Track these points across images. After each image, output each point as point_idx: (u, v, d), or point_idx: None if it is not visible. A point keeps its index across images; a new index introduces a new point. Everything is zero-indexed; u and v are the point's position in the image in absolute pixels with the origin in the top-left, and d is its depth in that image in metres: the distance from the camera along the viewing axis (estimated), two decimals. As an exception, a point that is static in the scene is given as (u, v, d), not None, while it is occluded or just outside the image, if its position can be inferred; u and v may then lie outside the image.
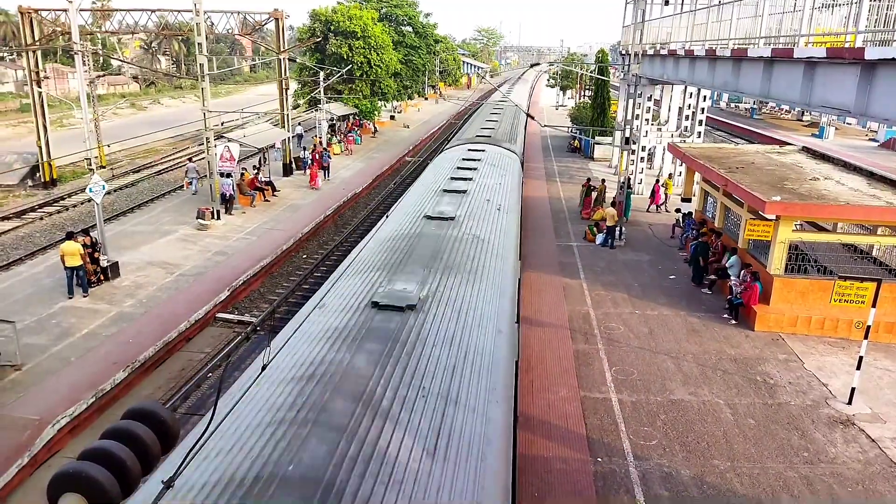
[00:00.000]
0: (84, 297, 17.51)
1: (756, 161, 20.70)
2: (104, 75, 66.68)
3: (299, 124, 41.95)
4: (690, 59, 21.23)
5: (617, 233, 22.32)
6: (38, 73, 30.77)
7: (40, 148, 31.03)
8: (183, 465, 4.59)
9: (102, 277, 18.40)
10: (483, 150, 18.56)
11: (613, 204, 22.63)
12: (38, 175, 31.83)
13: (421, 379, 5.89)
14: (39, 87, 30.76)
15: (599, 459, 10.69)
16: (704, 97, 30.75)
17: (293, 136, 43.21)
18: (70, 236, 17.67)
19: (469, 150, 18.90)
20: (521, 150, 23.56)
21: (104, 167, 35.33)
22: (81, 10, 30.01)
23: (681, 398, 12.59)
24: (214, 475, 4.46)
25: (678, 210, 24.60)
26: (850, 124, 57.79)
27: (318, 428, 4.92)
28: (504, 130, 25.26)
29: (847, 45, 11.67)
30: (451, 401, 5.72)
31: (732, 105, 74.81)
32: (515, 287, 9.49)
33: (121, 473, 4.29)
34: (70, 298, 17.37)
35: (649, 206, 27.54)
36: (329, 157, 35.45)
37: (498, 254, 10.04)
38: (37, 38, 30.86)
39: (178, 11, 33.54)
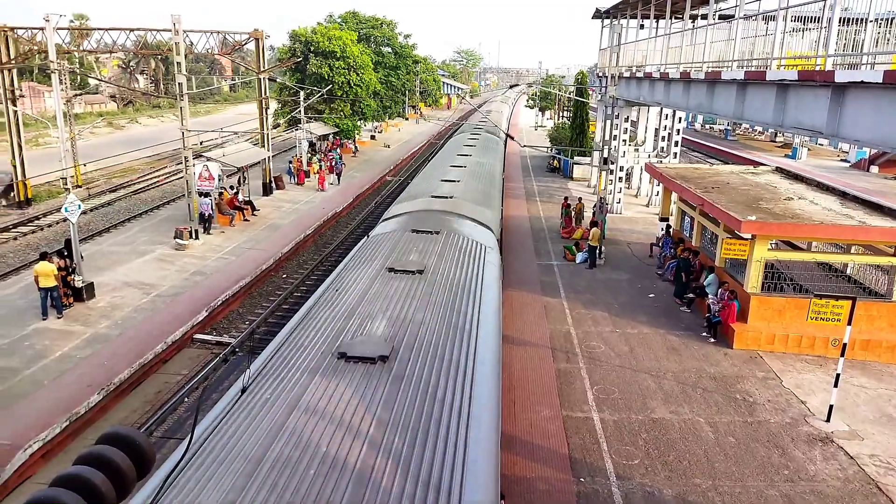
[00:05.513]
0: (58, 318, 17.16)
1: (731, 181, 21.04)
2: (81, 94, 66.06)
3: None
4: (666, 82, 21.62)
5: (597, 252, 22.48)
6: (13, 91, 30.38)
7: (15, 167, 30.54)
8: (160, 493, 4.49)
9: (73, 300, 18.04)
10: (437, 233, 11.90)
11: (595, 224, 22.82)
12: (12, 194, 31.31)
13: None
14: (15, 105, 30.35)
15: (582, 479, 10.65)
16: (679, 119, 31.30)
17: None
18: (44, 257, 17.38)
19: (413, 232, 11.98)
20: (498, 219, 15.99)
21: (80, 186, 34.85)
22: (59, 28, 29.85)
23: (662, 417, 12.62)
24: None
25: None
26: (822, 145, 59.00)
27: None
28: (475, 184, 17.89)
29: (818, 69, 11.97)
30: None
31: (707, 126, 76.05)
32: None
33: (95, 500, 4.16)
34: (44, 320, 17.02)
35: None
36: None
37: None
38: (12, 57, 30.50)
39: (158, 31, 33.45)
